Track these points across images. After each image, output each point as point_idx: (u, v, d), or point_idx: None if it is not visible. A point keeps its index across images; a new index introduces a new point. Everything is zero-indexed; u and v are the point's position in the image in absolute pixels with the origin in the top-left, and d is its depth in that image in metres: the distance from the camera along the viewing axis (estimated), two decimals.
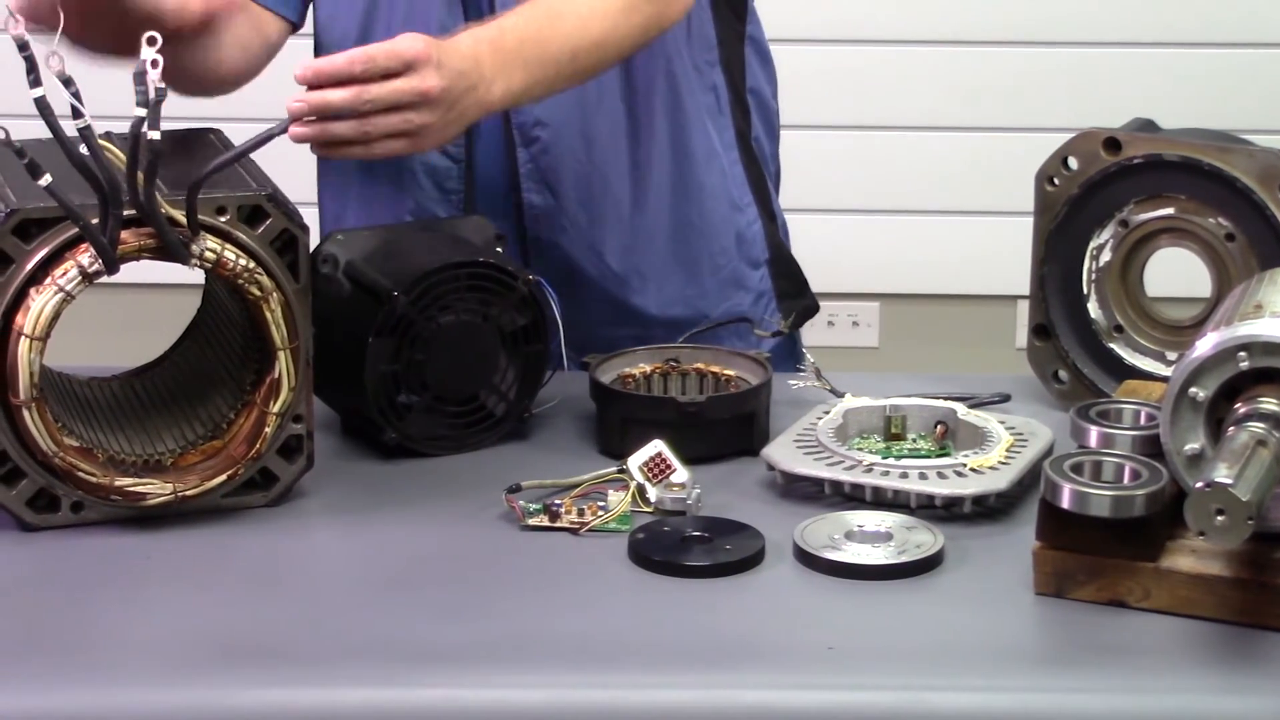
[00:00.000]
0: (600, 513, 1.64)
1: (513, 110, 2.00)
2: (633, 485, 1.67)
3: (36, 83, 1.50)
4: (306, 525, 1.67)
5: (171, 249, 1.58)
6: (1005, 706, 1.39)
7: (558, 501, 1.65)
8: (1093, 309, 1.91)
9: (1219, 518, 1.36)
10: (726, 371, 1.86)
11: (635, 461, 1.68)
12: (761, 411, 1.80)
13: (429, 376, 1.77)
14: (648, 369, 1.87)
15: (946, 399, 1.80)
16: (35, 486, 1.61)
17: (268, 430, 1.66)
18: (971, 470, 1.67)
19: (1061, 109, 3.56)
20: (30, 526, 1.62)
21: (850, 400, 1.79)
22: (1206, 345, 1.48)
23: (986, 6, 3.69)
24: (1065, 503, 1.49)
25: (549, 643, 1.45)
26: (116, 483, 1.62)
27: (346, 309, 1.78)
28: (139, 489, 1.63)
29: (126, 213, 1.56)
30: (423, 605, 1.51)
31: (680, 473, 1.67)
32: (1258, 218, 1.81)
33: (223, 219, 1.61)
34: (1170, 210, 1.86)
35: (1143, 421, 1.63)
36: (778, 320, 2.08)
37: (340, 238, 1.85)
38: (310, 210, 1.80)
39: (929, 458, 1.72)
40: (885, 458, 1.70)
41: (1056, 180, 1.88)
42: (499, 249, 1.88)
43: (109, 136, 1.62)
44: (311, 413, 1.68)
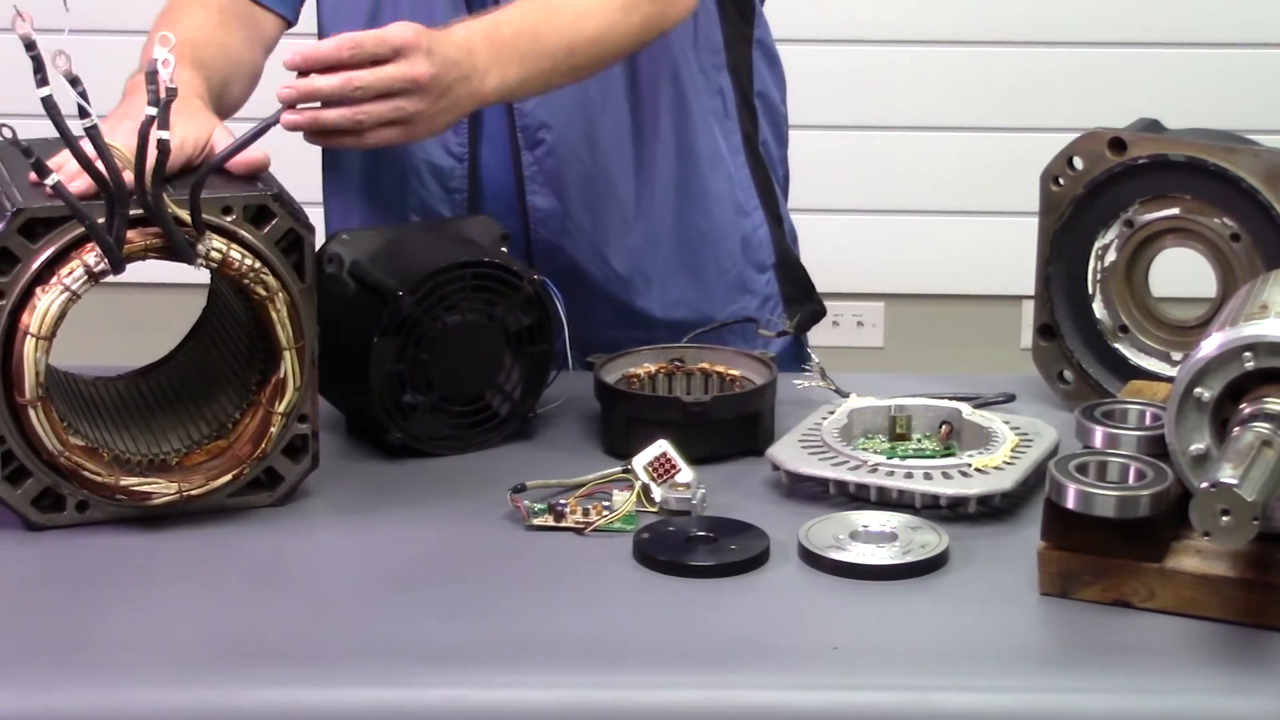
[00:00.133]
0: (605, 512, 1.64)
1: (517, 113, 2.00)
2: (638, 485, 1.67)
3: (43, 82, 1.50)
4: (311, 525, 1.67)
5: (178, 248, 1.58)
6: (1010, 707, 1.39)
7: (563, 501, 1.65)
8: (1098, 309, 1.91)
9: (1224, 518, 1.36)
10: (731, 371, 1.86)
11: (640, 461, 1.68)
12: (766, 411, 1.80)
13: (434, 376, 1.78)
14: (652, 369, 1.87)
15: (951, 399, 1.80)
16: (41, 486, 1.62)
17: (273, 430, 1.66)
18: (976, 470, 1.67)
19: (1066, 109, 3.55)
20: (35, 526, 1.62)
21: (855, 400, 1.79)
22: (1212, 345, 1.48)
23: (992, 6, 3.69)
24: (1070, 503, 1.49)
25: (554, 642, 1.45)
26: (122, 482, 1.62)
27: (352, 309, 1.78)
28: (144, 488, 1.63)
29: (132, 212, 1.56)
30: (428, 605, 1.51)
31: (685, 473, 1.67)
32: (1263, 218, 1.81)
33: (228, 219, 1.61)
34: (1175, 210, 1.86)
35: (1148, 422, 1.63)
36: (783, 321, 2.08)
37: (345, 237, 1.85)
38: (316, 210, 1.80)
39: (934, 458, 1.72)
40: (890, 458, 1.70)
41: (1062, 180, 1.88)
42: (504, 249, 1.88)
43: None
44: (317, 412, 1.68)
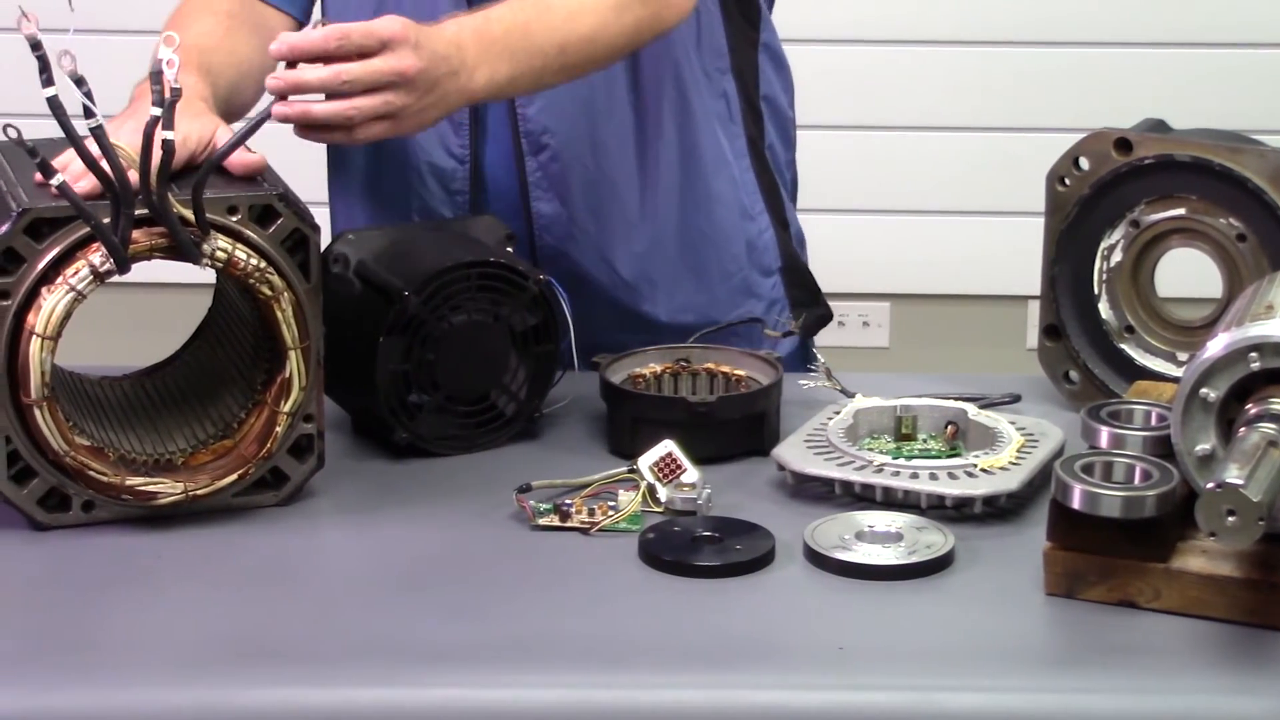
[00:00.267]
0: (610, 512, 1.64)
1: (521, 119, 2.00)
2: (643, 485, 1.67)
3: (49, 82, 1.50)
4: (317, 525, 1.67)
5: (183, 248, 1.59)
6: (1016, 707, 1.39)
7: (568, 501, 1.65)
8: (1104, 309, 1.90)
9: (1230, 518, 1.36)
10: (737, 371, 1.86)
11: (646, 461, 1.68)
12: (772, 411, 1.80)
13: (440, 376, 1.78)
14: (658, 369, 1.87)
15: (957, 399, 1.80)
16: (46, 485, 1.62)
17: (278, 430, 1.66)
18: (982, 471, 1.67)
19: (1072, 109, 3.55)
20: (41, 525, 1.62)
21: (861, 400, 1.79)
22: (1218, 346, 1.48)
23: (997, 6, 3.69)
24: (1076, 503, 1.49)
25: (559, 642, 1.45)
26: (127, 482, 1.62)
27: (357, 308, 1.78)
28: (150, 488, 1.63)
29: (138, 212, 1.56)
30: (433, 605, 1.51)
31: (690, 473, 1.67)
32: (1269, 218, 1.81)
33: (234, 218, 1.61)
34: (1181, 211, 1.86)
35: (1153, 422, 1.63)
36: (789, 321, 2.08)
37: (351, 237, 1.85)
38: (321, 210, 1.80)
39: (939, 458, 1.72)
40: (896, 458, 1.70)
41: (1067, 180, 1.88)
42: (509, 249, 1.88)
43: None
44: (322, 412, 1.68)
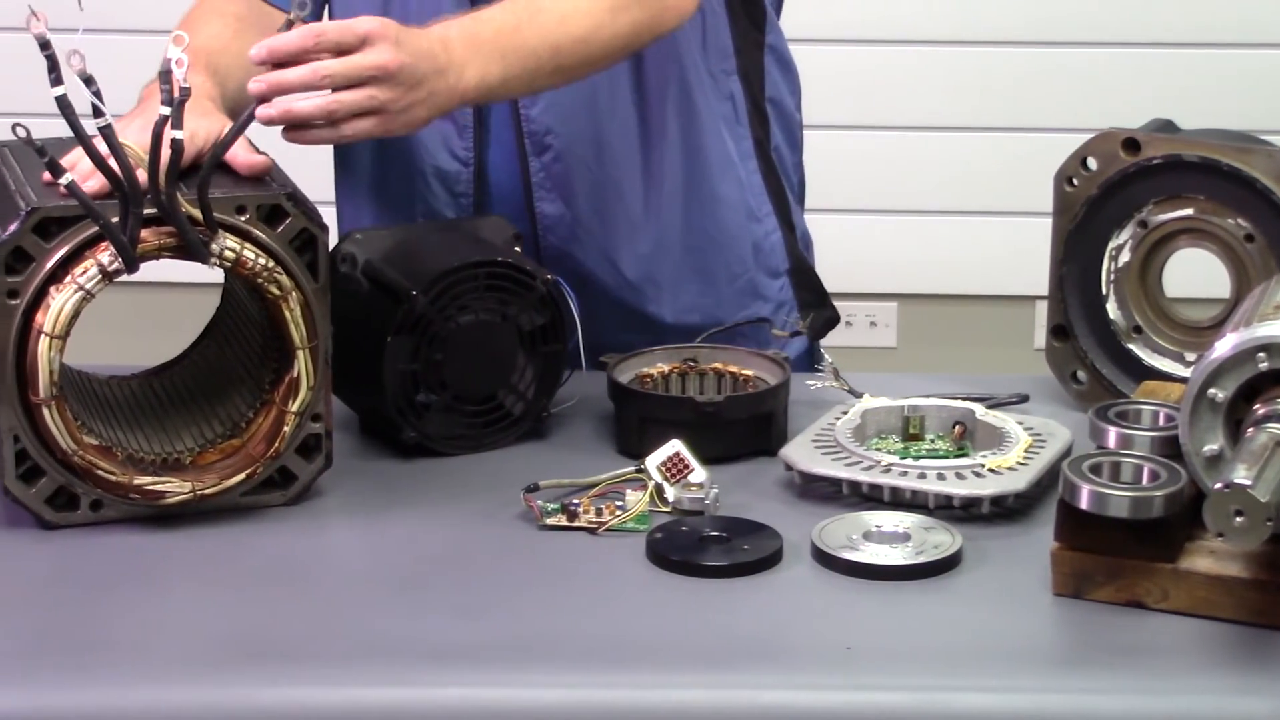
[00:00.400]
0: (618, 512, 1.64)
1: (524, 119, 2.00)
2: (650, 485, 1.67)
3: (58, 81, 1.50)
4: (325, 524, 1.67)
5: (192, 248, 1.59)
6: (1023, 707, 1.39)
7: (575, 501, 1.65)
8: (1111, 309, 1.90)
9: (1238, 519, 1.36)
10: (744, 371, 1.86)
11: (653, 461, 1.68)
12: (780, 411, 1.80)
13: (447, 376, 1.78)
14: (666, 369, 1.87)
15: (965, 399, 1.80)
16: (54, 484, 1.62)
17: (286, 429, 1.66)
18: (990, 471, 1.67)
19: (1080, 109, 3.55)
20: (49, 524, 1.62)
21: (868, 400, 1.79)
22: (1226, 346, 1.48)
23: (1006, 6, 3.69)
24: (1084, 503, 1.49)
25: (566, 642, 1.45)
26: (135, 481, 1.63)
27: (365, 308, 1.79)
28: (158, 487, 1.63)
29: (146, 211, 1.56)
30: (440, 604, 1.51)
31: (698, 472, 1.67)
32: (1277, 218, 1.81)
33: (242, 218, 1.61)
34: (1189, 211, 1.86)
35: (1161, 422, 1.63)
36: (796, 321, 2.08)
37: (359, 237, 1.85)
38: (329, 210, 1.80)
39: (947, 458, 1.72)
40: (903, 458, 1.70)
41: (1075, 180, 1.88)
42: (517, 249, 1.88)
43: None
44: (330, 412, 1.69)
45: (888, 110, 3.73)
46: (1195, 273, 1.99)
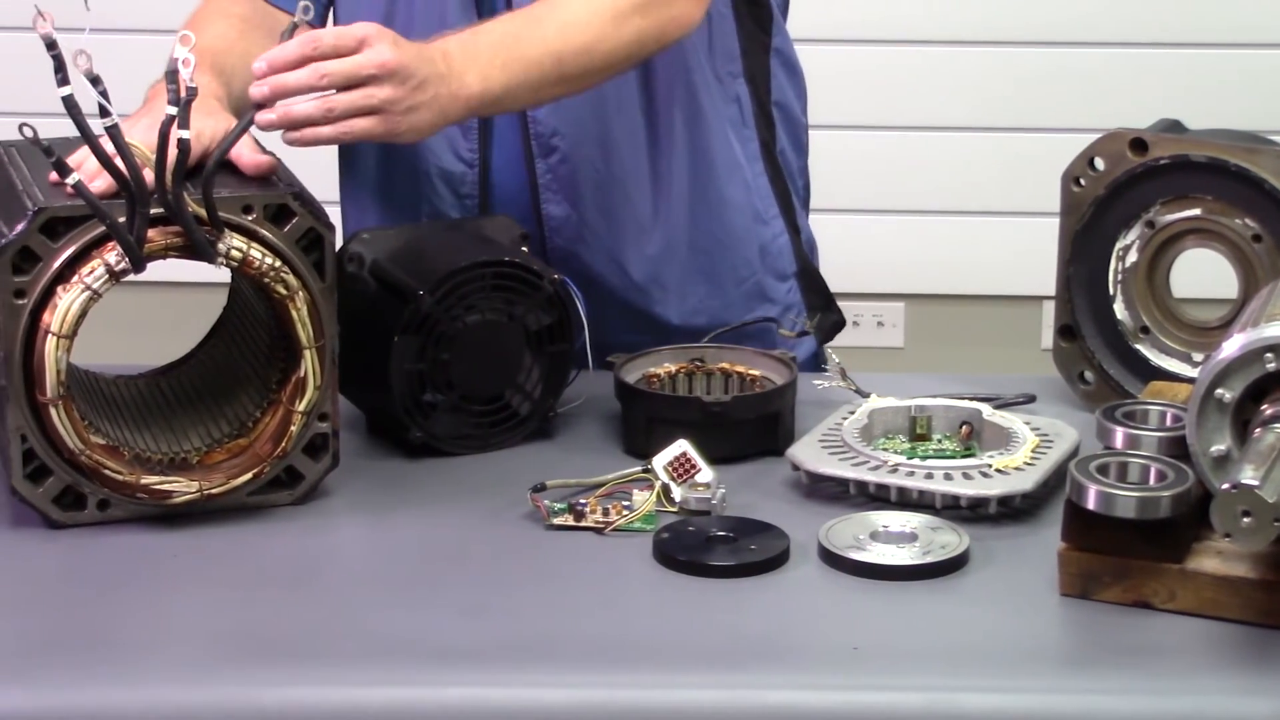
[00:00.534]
0: (625, 512, 1.64)
1: (530, 120, 2.00)
2: (657, 485, 1.67)
3: (64, 81, 1.50)
4: (331, 523, 1.67)
5: (198, 247, 1.59)
6: (1030, 707, 1.39)
7: (582, 501, 1.65)
8: (1119, 310, 1.90)
9: (1245, 519, 1.36)
10: (751, 371, 1.86)
11: (660, 461, 1.68)
12: (786, 411, 1.80)
13: (454, 375, 1.78)
14: (672, 369, 1.87)
15: (972, 399, 1.80)
16: (62, 484, 1.62)
17: (293, 429, 1.66)
18: (997, 471, 1.66)
19: (1087, 109, 3.54)
20: (57, 524, 1.62)
21: (875, 400, 1.79)
22: (1233, 346, 1.48)
23: (1013, 6, 3.68)
24: (1091, 504, 1.49)
25: (573, 642, 1.45)
26: (142, 480, 1.63)
27: (372, 308, 1.79)
28: (165, 487, 1.63)
29: (153, 211, 1.56)
30: (446, 604, 1.51)
31: (705, 472, 1.67)
32: None
33: (249, 217, 1.61)
34: (1197, 211, 1.86)
35: (1168, 423, 1.63)
36: (803, 322, 2.08)
37: (366, 236, 1.85)
38: (337, 210, 1.80)
39: (954, 458, 1.72)
40: (910, 458, 1.70)
41: (1083, 181, 1.88)
42: (524, 248, 1.88)
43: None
44: (337, 411, 1.69)
45: (894, 110, 3.73)
46: (1203, 273, 1.99)
